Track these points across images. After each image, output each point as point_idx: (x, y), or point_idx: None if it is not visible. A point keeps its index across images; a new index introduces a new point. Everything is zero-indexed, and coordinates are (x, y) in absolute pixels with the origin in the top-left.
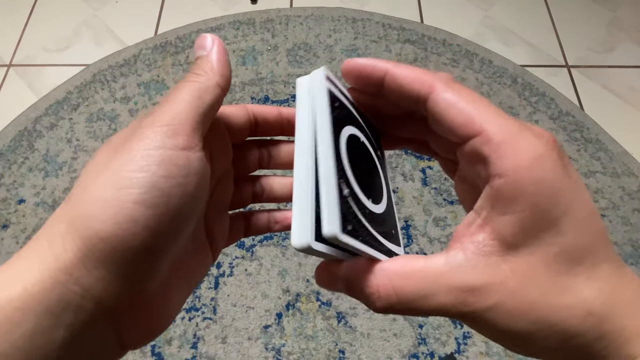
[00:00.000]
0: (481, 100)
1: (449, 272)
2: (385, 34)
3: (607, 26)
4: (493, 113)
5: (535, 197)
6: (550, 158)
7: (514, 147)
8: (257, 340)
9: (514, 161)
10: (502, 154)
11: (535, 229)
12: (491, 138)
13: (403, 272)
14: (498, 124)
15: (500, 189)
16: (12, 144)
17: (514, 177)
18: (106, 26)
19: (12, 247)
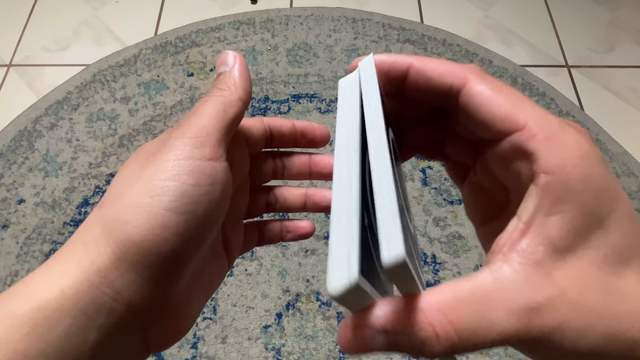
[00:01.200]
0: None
1: (501, 291)
2: (385, 34)
3: (607, 26)
4: (532, 107)
5: (584, 196)
6: (595, 155)
7: (561, 143)
8: (257, 340)
9: (562, 158)
10: (549, 150)
11: (584, 230)
12: (535, 133)
13: (455, 301)
14: (541, 119)
15: (548, 187)
16: (12, 144)
17: (563, 174)
18: (106, 26)
19: (12, 247)
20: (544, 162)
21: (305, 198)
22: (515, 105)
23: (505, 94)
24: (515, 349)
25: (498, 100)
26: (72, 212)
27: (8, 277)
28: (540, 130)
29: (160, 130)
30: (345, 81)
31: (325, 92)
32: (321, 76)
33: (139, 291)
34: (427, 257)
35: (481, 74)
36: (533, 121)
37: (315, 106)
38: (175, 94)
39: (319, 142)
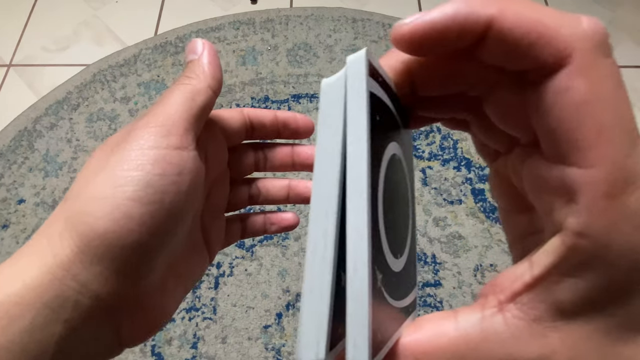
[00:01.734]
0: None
1: (485, 343)
2: (385, 34)
3: (607, 26)
4: (628, 133)
5: (616, 270)
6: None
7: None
8: (257, 340)
9: (613, 225)
10: (600, 210)
11: (601, 301)
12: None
13: (433, 348)
14: (622, 160)
15: (576, 250)
16: (12, 144)
17: (602, 242)
18: (106, 26)
19: (12, 247)
20: (585, 221)
21: (289, 190)
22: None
23: (608, 107)
24: None
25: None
26: None
27: None
28: (607, 180)
29: None
30: (329, 83)
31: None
32: (321, 76)
33: (106, 284)
34: (427, 257)
35: (599, 48)
36: (608, 164)
37: (315, 106)
38: None
39: (303, 133)
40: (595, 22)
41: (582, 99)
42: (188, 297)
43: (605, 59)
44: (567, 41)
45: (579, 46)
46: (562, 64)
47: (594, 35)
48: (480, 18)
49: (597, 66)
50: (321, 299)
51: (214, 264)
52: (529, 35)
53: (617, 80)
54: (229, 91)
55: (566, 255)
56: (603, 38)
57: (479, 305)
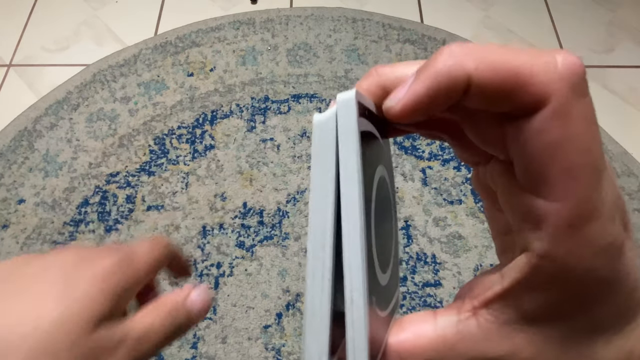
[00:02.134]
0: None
1: (461, 343)
2: (385, 34)
3: (607, 26)
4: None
5: (578, 291)
6: (615, 247)
7: (581, 235)
8: (257, 340)
9: (570, 249)
10: (563, 238)
11: (562, 314)
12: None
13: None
14: (587, 197)
15: (539, 270)
16: (12, 144)
17: (564, 266)
18: (106, 26)
19: (12, 247)
20: (548, 246)
21: None
22: (574, 171)
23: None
24: None
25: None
26: (72, 212)
27: None
28: (572, 215)
29: (161, 130)
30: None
31: (325, 92)
32: (321, 76)
33: None
34: (427, 257)
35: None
36: (575, 200)
37: (315, 106)
38: (175, 94)
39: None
40: (571, 60)
41: (555, 140)
42: None
43: (580, 99)
44: (543, 86)
45: (555, 89)
46: (539, 107)
47: (570, 76)
48: (459, 80)
49: (572, 108)
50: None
51: (213, 264)
52: (506, 84)
53: (589, 120)
54: (229, 91)
55: (531, 273)
56: (578, 77)
57: (455, 307)
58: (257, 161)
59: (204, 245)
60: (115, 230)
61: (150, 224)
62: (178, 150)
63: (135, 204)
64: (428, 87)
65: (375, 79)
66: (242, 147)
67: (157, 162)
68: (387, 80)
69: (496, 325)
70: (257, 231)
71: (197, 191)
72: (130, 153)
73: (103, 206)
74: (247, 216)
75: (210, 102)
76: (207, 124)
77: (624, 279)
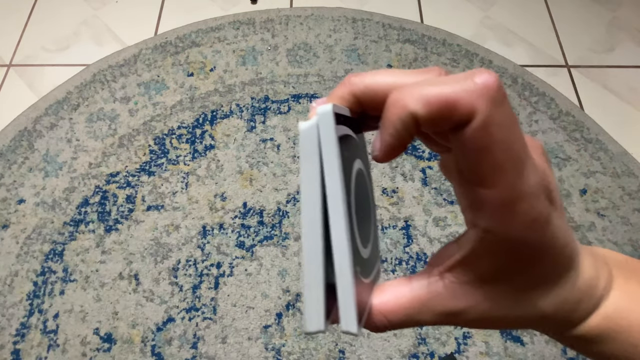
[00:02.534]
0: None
1: (432, 300)
2: (385, 34)
3: (607, 26)
4: (519, 163)
5: (513, 254)
6: (541, 219)
7: (513, 213)
8: (257, 340)
9: (506, 224)
10: (499, 216)
11: (508, 274)
12: (496, 199)
13: (394, 305)
14: (514, 184)
15: (485, 242)
16: (12, 144)
17: (502, 236)
18: (106, 26)
19: (12, 247)
20: (490, 225)
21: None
22: (501, 165)
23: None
24: None
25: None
26: (72, 212)
27: (8, 277)
28: (504, 197)
29: (161, 130)
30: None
31: (325, 92)
32: (321, 76)
33: None
34: (427, 257)
35: (494, 101)
36: (505, 187)
37: None
38: (175, 94)
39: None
40: (486, 78)
41: (483, 146)
42: (188, 297)
43: (498, 108)
44: (468, 105)
45: (477, 105)
46: (468, 121)
47: (487, 92)
48: (409, 121)
49: (492, 118)
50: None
51: (213, 264)
52: (441, 112)
53: (508, 124)
54: (229, 91)
55: (479, 244)
56: (494, 91)
57: (426, 273)
58: (257, 161)
59: (204, 245)
60: (115, 230)
61: (150, 224)
62: (178, 150)
63: (135, 204)
64: (391, 135)
65: (348, 88)
66: (242, 147)
67: (157, 162)
68: (357, 89)
69: (458, 285)
70: (257, 231)
71: (197, 191)
72: (130, 153)
73: (103, 206)
74: (247, 216)
75: (210, 102)
76: (207, 124)
77: (552, 243)
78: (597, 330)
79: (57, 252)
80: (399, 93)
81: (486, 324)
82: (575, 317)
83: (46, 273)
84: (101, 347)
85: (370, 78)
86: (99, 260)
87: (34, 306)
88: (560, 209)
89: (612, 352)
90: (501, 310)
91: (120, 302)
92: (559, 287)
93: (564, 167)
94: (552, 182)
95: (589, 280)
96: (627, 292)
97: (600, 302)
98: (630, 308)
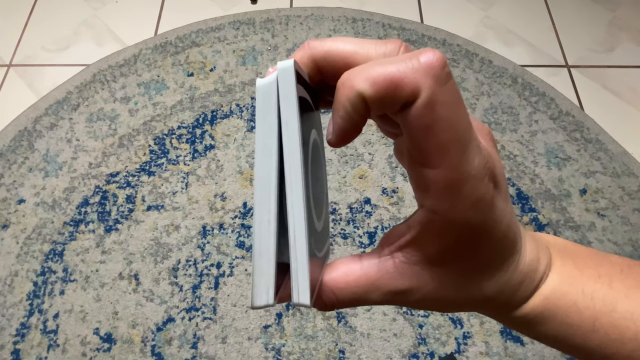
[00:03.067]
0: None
1: (381, 279)
2: (385, 34)
3: (607, 26)
4: (462, 143)
5: (458, 235)
6: (484, 201)
7: (456, 194)
8: (257, 340)
9: (450, 205)
10: (443, 197)
11: (455, 256)
12: (440, 179)
13: (343, 282)
14: (457, 165)
15: (432, 222)
16: (12, 144)
17: (446, 217)
18: (106, 26)
19: (12, 247)
20: (435, 204)
21: None
22: (444, 145)
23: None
24: None
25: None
26: (72, 212)
27: (8, 277)
28: (447, 178)
29: (161, 130)
30: (262, 84)
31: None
32: None
33: None
34: None
35: (438, 80)
36: (448, 168)
37: None
38: (175, 94)
39: None
40: (431, 56)
41: (427, 124)
42: (188, 297)
43: (442, 86)
44: (413, 83)
45: (421, 83)
46: (413, 100)
47: (431, 70)
48: (358, 102)
49: (437, 96)
50: (268, 261)
51: (213, 264)
52: (387, 90)
53: (453, 102)
54: (229, 91)
55: (426, 225)
56: (439, 69)
57: (376, 252)
58: None
59: (204, 245)
60: (115, 230)
61: (150, 224)
62: (178, 150)
63: (135, 204)
64: (342, 117)
65: (307, 52)
66: (242, 147)
67: (157, 162)
68: (317, 53)
69: (408, 265)
70: None
71: (197, 191)
72: (130, 153)
73: (103, 206)
74: (247, 216)
75: (210, 102)
76: (207, 124)
77: (495, 226)
78: (537, 311)
79: (57, 252)
80: (349, 73)
81: (432, 305)
82: (516, 299)
83: (46, 273)
84: (101, 347)
85: (331, 43)
86: (99, 260)
87: (34, 306)
88: (504, 193)
89: (551, 333)
90: (447, 291)
91: (120, 302)
92: (503, 271)
93: (564, 167)
94: (497, 166)
95: (530, 263)
96: (563, 274)
97: (539, 284)
98: (566, 289)
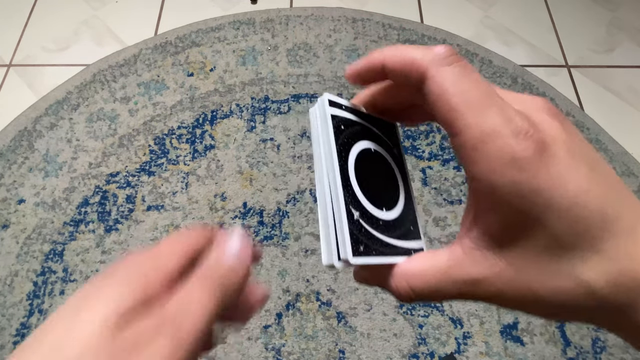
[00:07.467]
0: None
1: (452, 268)
2: (385, 34)
3: (607, 26)
4: (477, 106)
5: (510, 200)
6: (523, 158)
7: (486, 153)
8: (257, 340)
9: (486, 167)
10: (475, 159)
11: (518, 227)
12: (464, 142)
13: (416, 273)
14: (475, 124)
15: (479, 192)
16: (12, 144)
17: (487, 182)
18: (106, 26)
19: (12, 247)
20: (471, 170)
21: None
22: (457, 107)
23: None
24: None
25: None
26: (72, 212)
27: (8, 277)
28: (469, 140)
29: (161, 130)
30: (312, 110)
31: (325, 92)
32: (321, 76)
33: None
34: None
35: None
36: (467, 127)
37: None
38: (175, 94)
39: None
40: (441, 48)
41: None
42: None
43: (447, 67)
44: (423, 64)
45: (429, 65)
46: (425, 77)
47: (438, 55)
48: (377, 63)
49: (441, 73)
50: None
51: None
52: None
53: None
54: (229, 91)
55: (475, 197)
56: (445, 55)
57: (447, 248)
58: (257, 161)
59: None
60: (115, 230)
61: (150, 224)
62: (178, 150)
63: (135, 204)
64: (362, 64)
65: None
66: (242, 147)
67: (157, 162)
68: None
69: (478, 251)
70: (257, 231)
71: (197, 191)
72: (130, 153)
73: (103, 206)
74: (247, 216)
75: (210, 102)
76: (207, 124)
77: (554, 190)
78: None
79: (57, 252)
80: (383, 49)
81: (519, 300)
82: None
83: (46, 273)
84: None
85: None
86: (99, 260)
87: (34, 306)
88: (566, 158)
89: None
90: (529, 279)
91: None
92: (604, 256)
93: None
94: (543, 131)
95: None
96: None
97: None
98: None
